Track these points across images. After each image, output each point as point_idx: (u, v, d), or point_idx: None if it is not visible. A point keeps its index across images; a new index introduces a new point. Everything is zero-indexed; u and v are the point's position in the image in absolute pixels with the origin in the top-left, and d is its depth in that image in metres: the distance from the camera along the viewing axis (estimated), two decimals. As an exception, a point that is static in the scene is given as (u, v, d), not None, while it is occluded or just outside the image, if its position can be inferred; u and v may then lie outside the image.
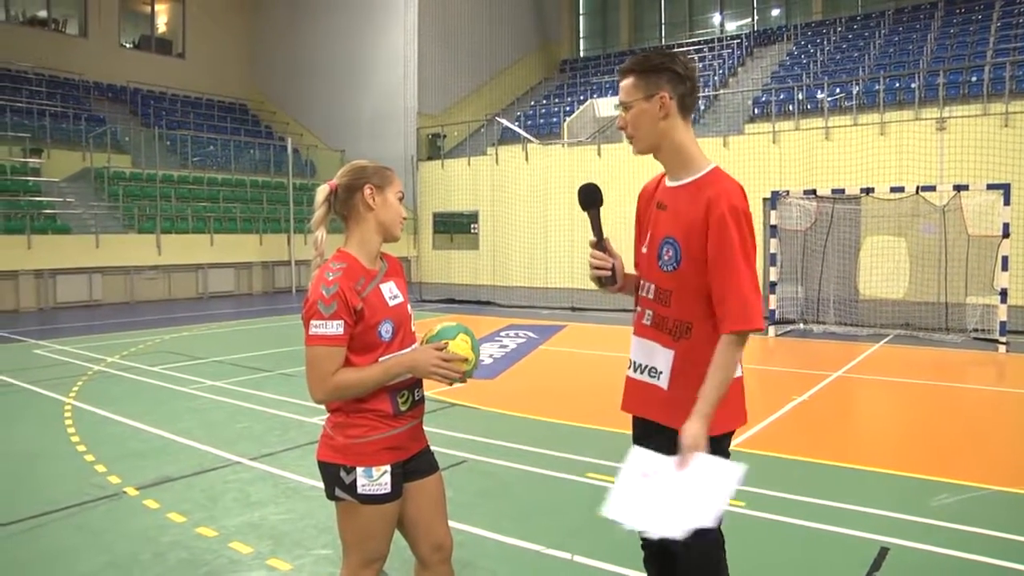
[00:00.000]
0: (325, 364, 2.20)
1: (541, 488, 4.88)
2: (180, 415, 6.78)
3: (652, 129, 2.30)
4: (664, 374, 2.31)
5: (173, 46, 27.66)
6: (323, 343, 2.20)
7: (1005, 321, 10.09)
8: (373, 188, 2.36)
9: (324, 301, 2.20)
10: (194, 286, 19.62)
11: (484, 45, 26.07)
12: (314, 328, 2.20)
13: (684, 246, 2.25)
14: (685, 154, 2.32)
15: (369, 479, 2.27)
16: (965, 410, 7.22)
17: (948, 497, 4.53)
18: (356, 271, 2.31)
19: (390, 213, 2.39)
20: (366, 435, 2.28)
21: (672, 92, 2.26)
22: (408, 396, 2.37)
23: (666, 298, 2.31)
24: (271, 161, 24.70)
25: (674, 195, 2.35)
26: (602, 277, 2.48)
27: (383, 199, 2.37)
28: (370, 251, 2.38)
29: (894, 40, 21.73)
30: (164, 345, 11.15)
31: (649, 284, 2.39)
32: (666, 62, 2.26)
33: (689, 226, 2.24)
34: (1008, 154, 13.65)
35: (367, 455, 2.27)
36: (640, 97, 2.27)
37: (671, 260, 2.29)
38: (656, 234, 2.38)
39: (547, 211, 19.59)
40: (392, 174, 2.42)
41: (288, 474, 5.08)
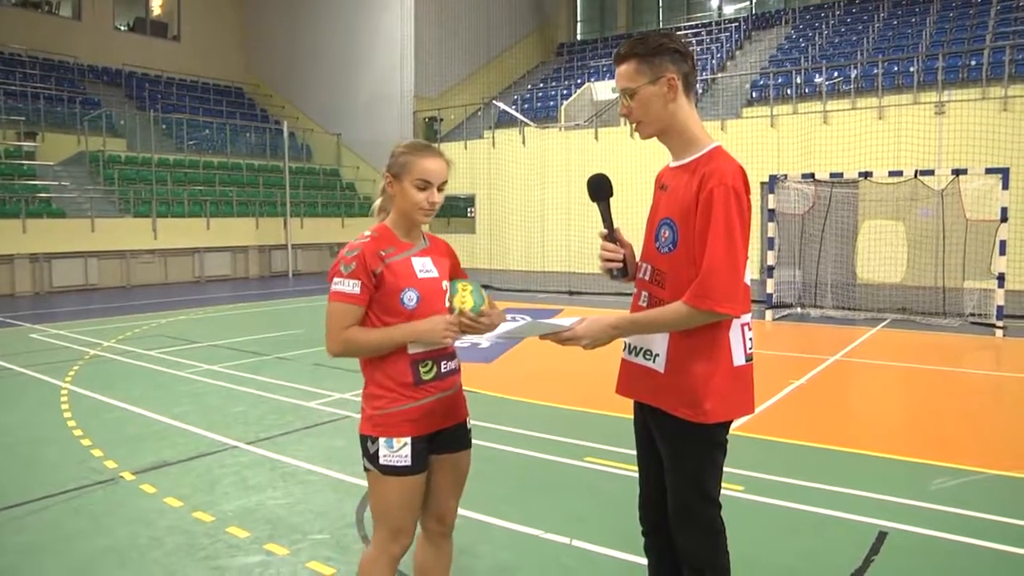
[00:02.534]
0: (339, 319, 2.32)
1: (540, 472, 4.87)
2: (177, 399, 6.76)
3: (662, 112, 2.24)
4: (660, 357, 2.27)
5: (168, 29, 27.42)
6: (339, 299, 2.32)
7: (1002, 306, 10.09)
8: (391, 177, 2.42)
9: (345, 261, 2.33)
10: (190, 270, 19.55)
11: (481, 28, 25.92)
12: (334, 285, 2.33)
13: (681, 226, 2.20)
14: (689, 134, 2.28)
15: (390, 450, 2.35)
16: (962, 394, 7.22)
17: (946, 481, 4.54)
18: (387, 239, 2.41)
19: (405, 201, 2.41)
20: (387, 406, 2.36)
21: (677, 72, 2.22)
22: (432, 366, 2.41)
23: (662, 280, 2.27)
24: (267, 145, 24.57)
25: (675, 175, 2.31)
26: (613, 269, 2.45)
27: (400, 187, 2.40)
28: (403, 228, 2.46)
29: (893, 24, 21.62)
30: (160, 329, 11.12)
31: (646, 265, 2.35)
32: (665, 42, 2.22)
33: (684, 205, 2.19)
34: (1007, 138, 13.63)
35: (389, 426, 2.36)
36: (646, 81, 2.21)
37: (668, 241, 2.25)
38: (655, 215, 2.35)
39: (544, 195, 19.56)
40: (413, 161, 2.39)
41: (285, 458, 5.07)
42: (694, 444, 2.25)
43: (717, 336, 2.21)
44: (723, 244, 2.09)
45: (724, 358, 2.22)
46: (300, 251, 21.92)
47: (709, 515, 2.31)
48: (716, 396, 2.19)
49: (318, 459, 5.05)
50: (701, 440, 2.25)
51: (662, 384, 2.26)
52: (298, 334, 10.61)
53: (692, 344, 2.21)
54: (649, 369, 2.31)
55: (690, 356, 2.21)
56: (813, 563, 3.53)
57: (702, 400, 2.19)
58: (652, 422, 2.36)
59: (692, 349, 2.21)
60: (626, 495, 4.38)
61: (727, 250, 2.09)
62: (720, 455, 2.31)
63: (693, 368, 2.20)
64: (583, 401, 6.60)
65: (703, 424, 2.20)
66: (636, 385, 2.38)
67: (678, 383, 2.22)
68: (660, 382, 2.27)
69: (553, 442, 5.45)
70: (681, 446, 2.27)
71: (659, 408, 2.29)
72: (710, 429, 2.23)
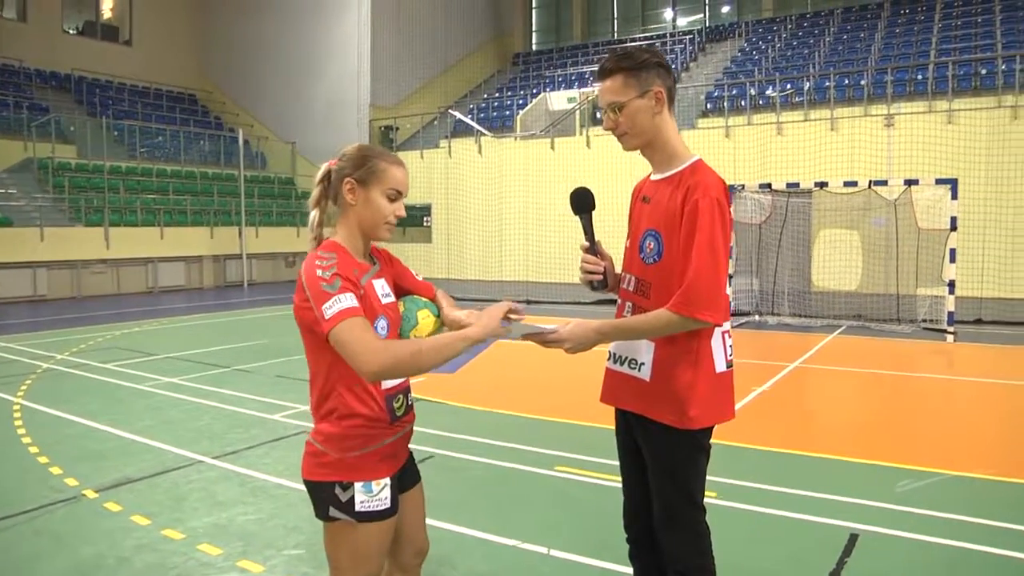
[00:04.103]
0: (363, 334, 1.90)
1: (512, 483, 4.87)
2: (137, 413, 6.61)
3: (648, 125, 2.29)
4: (646, 366, 2.30)
5: (120, 33, 26.85)
6: (346, 316, 1.91)
7: (953, 312, 10.39)
8: (354, 183, 2.11)
9: (326, 281, 1.96)
10: (143, 280, 19.14)
11: (438, 37, 25.91)
12: (329, 310, 1.92)
13: (666, 238, 2.25)
14: (671, 147, 2.33)
15: (368, 494, 2.08)
16: (919, 398, 7.41)
17: (910, 483, 4.64)
18: (349, 262, 2.08)
19: (370, 213, 2.12)
20: (365, 445, 2.09)
21: (663, 86, 2.27)
22: (403, 401, 2.21)
23: (646, 290, 2.32)
24: (221, 152, 24.22)
25: (657, 188, 2.36)
26: (594, 281, 2.48)
27: (365, 197, 2.11)
28: (357, 247, 2.16)
29: (842, 38, 22.18)
30: (115, 341, 10.86)
31: (630, 276, 2.39)
32: (651, 57, 2.28)
33: (669, 217, 2.24)
34: (953, 150, 14.04)
35: (366, 468, 2.08)
36: (635, 95, 2.26)
37: (653, 252, 2.30)
38: (639, 227, 2.40)
39: (502, 204, 19.57)
40: (386, 169, 2.13)
41: (253, 472, 4.99)
42: (679, 449, 2.29)
43: (700, 344, 2.25)
44: (707, 254, 2.14)
45: (707, 365, 2.27)
46: (255, 261, 21.63)
47: (694, 518, 2.35)
48: (700, 403, 2.24)
49: (286, 473, 4.97)
50: (686, 445, 2.29)
51: (647, 392, 2.30)
52: (256, 345, 10.46)
53: (676, 352, 2.25)
54: (634, 378, 2.34)
55: (674, 364, 2.25)
56: (792, 566, 3.59)
57: (687, 407, 2.23)
58: (637, 429, 2.39)
59: (676, 357, 2.25)
60: (600, 503, 4.43)
61: (711, 260, 2.14)
62: (704, 460, 2.36)
63: (678, 376, 2.24)
64: (549, 410, 6.62)
65: (688, 430, 2.25)
66: (621, 394, 2.41)
67: (663, 391, 2.26)
68: (645, 390, 2.30)
69: (522, 452, 5.45)
70: (667, 452, 2.31)
71: (644, 416, 2.32)
72: (695, 434, 2.28)
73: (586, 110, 20.52)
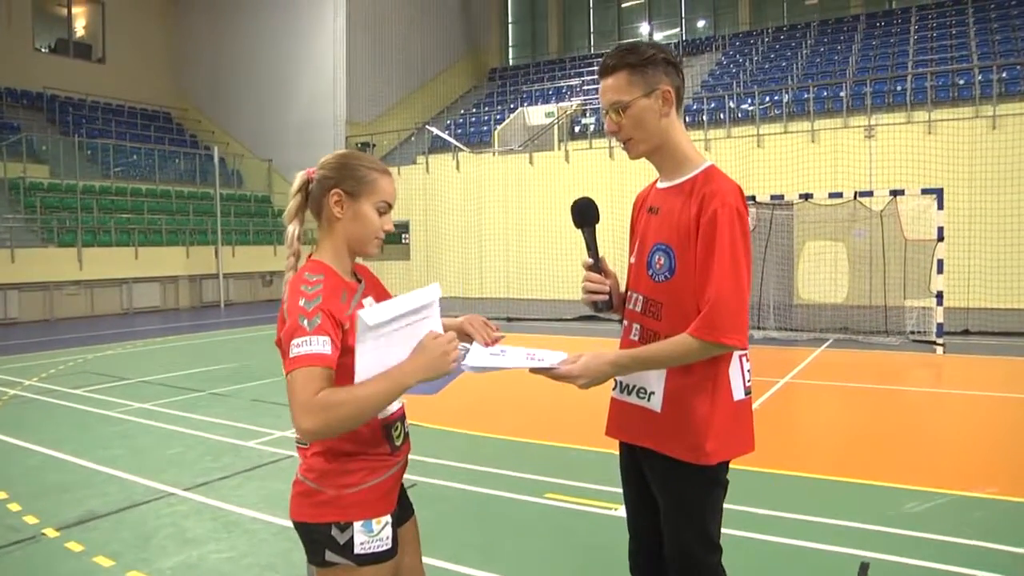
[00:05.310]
0: (307, 385, 1.68)
1: (500, 511, 4.63)
2: (105, 442, 6.30)
3: (656, 128, 2.07)
4: (656, 395, 2.08)
5: (93, 50, 26.48)
6: (305, 363, 1.69)
7: (941, 323, 10.28)
8: (342, 195, 1.91)
9: (305, 314, 1.74)
10: (118, 302, 18.73)
11: (413, 53, 25.80)
12: (295, 348, 1.71)
13: (679, 252, 2.03)
14: (681, 152, 2.11)
15: (369, 534, 1.87)
16: (914, 413, 7.25)
17: (918, 505, 4.46)
18: (337, 284, 1.88)
19: (360, 228, 1.93)
20: (364, 481, 1.88)
21: (671, 84, 2.05)
22: (400, 429, 2.00)
23: (656, 311, 2.09)
24: (197, 171, 23.86)
25: (666, 197, 2.13)
26: (598, 301, 2.22)
27: (354, 210, 1.92)
28: (344, 265, 1.96)
29: (820, 51, 22.28)
30: (87, 365, 10.50)
31: (637, 296, 2.16)
32: (657, 52, 2.05)
33: (683, 229, 2.02)
34: (934, 160, 14.06)
35: (366, 505, 1.87)
36: (640, 94, 2.03)
37: (663, 269, 2.06)
38: (646, 241, 2.16)
39: (481, 220, 19.38)
40: (376, 179, 1.95)
41: (226, 505, 4.71)
42: (695, 487, 2.07)
43: (717, 370, 2.04)
44: (730, 270, 1.92)
45: (724, 394, 2.05)
46: (232, 280, 21.27)
47: (712, 561, 2.13)
48: (718, 435, 2.02)
49: (262, 505, 4.70)
50: (702, 482, 2.07)
51: (659, 425, 2.07)
52: (233, 368, 10.14)
53: (691, 380, 2.03)
54: (643, 409, 2.11)
55: (689, 393, 2.03)
56: (797, 602, 3.37)
57: (703, 441, 2.01)
58: (647, 465, 2.16)
59: (691, 386, 2.03)
60: (595, 533, 4.20)
61: (734, 277, 1.93)
62: (722, 496, 2.14)
63: (693, 406, 2.02)
64: (536, 433, 6.39)
65: (705, 465, 2.03)
66: (629, 426, 2.18)
67: (677, 423, 2.04)
68: (657, 422, 2.08)
69: (510, 478, 5.21)
70: (681, 490, 2.08)
71: (655, 450, 2.09)
72: (712, 470, 2.05)
73: (564, 125, 20.43)
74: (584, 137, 20.09)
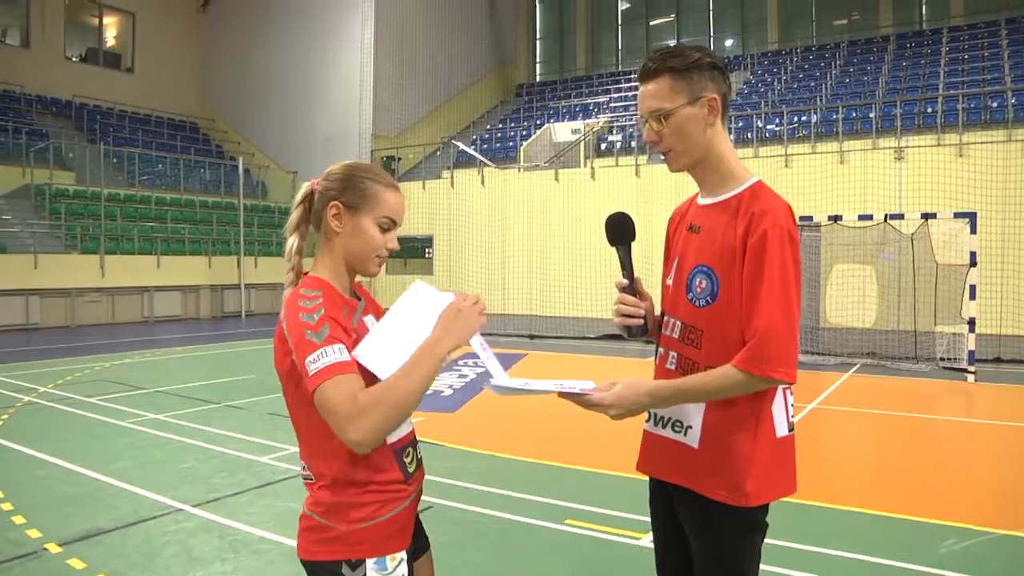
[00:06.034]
0: (345, 395, 1.57)
1: (519, 537, 4.45)
2: (116, 453, 6.19)
3: (700, 139, 1.90)
4: (694, 429, 1.91)
5: (122, 60, 26.82)
6: (331, 374, 1.58)
7: (973, 350, 9.98)
8: (341, 207, 1.79)
9: (311, 328, 1.63)
10: (139, 310, 18.78)
11: (440, 67, 25.81)
12: (312, 365, 1.59)
13: (722, 275, 1.86)
14: (726, 166, 1.94)
15: (383, 572, 1.73)
16: (946, 443, 6.99)
17: (957, 543, 4.23)
18: (336, 300, 1.76)
19: (359, 243, 1.80)
20: (377, 515, 1.73)
21: (717, 92, 1.89)
22: (412, 454, 1.86)
23: (696, 339, 1.91)
24: (221, 181, 23.99)
25: (708, 214, 1.96)
26: (632, 327, 2.04)
27: (354, 224, 1.79)
28: (343, 282, 1.83)
29: (849, 71, 22.04)
30: (104, 373, 10.46)
31: (674, 321, 1.99)
32: (703, 56, 1.88)
33: (727, 250, 1.85)
34: (965, 184, 13.77)
35: (379, 541, 1.73)
36: (683, 101, 1.86)
37: (705, 293, 1.90)
38: (685, 262, 1.98)
39: (504, 236, 19.27)
40: (379, 192, 1.81)
41: (235, 524, 4.57)
42: (733, 530, 1.89)
43: (761, 404, 1.86)
44: (780, 297, 1.76)
45: (767, 429, 1.88)
46: (254, 291, 21.29)
47: None
48: (759, 475, 1.85)
49: (272, 524, 4.56)
50: (741, 525, 1.89)
51: (695, 461, 1.90)
52: (251, 380, 10.06)
53: (732, 414, 1.86)
54: (679, 443, 1.94)
55: (730, 429, 1.86)
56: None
57: (743, 481, 1.84)
58: (680, 504, 1.99)
59: (732, 420, 1.86)
60: (616, 564, 4.01)
61: (784, 304, 1.76)
62: (761, 539, 1.95)
63: (733, 443, 1.85)
64: (558, 455, 6.20)
65: (744, 507, 1.85)
66: (662, 462, 2.01)
67: (715, 461, 1.87)
68: (693, 459, 1.91)
69: (529, 502, 5.03)
70: (718, 533, 1.91)
71: (691, 489, 1.92)
72: (751, 512, 1.88)
73: (590, 142, 20.31)
74: (610, 154, 19.95)
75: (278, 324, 1.73)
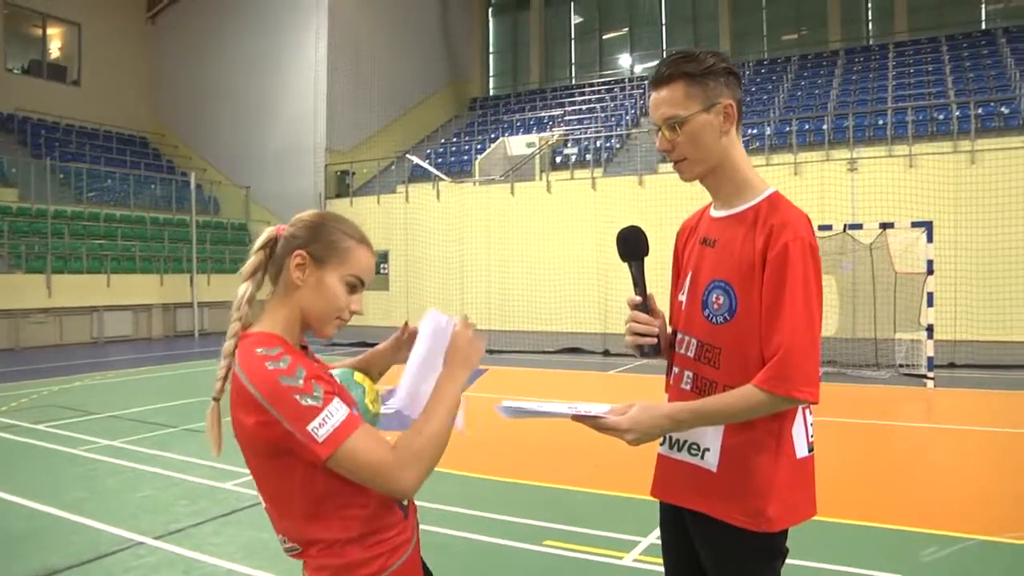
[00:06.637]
0: (374, 447, 1.47)
1: (495, 561, 4.33)
2: (69, 484, 5.91)
3: (715, 147, 1.83)
4: (712, 452, 1.83)
5: (68, 72, 26.03)
6: (346, 433, 1.45)
7: (932, 356, 10.16)
8: (306, 258, 1.60)
9: (299, 390, 1.45)
10: (88, 331, 18.19)
11: (394, 81, 25.63)
12: (320, 432, 1.43)
13: (740, 291, 1.79)
14: (741, 176, 1.87)
15: None
16: (914, 451, 7.06)
17: (938, 551, 4.22)
18: (296, 353, 1.58)
19: (320, 301, 1.61)
20: (389, 564, 1.60)
21: (732, 98, 1.82)
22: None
23: (714, 357, 1.84)
24: (172, 197, 23.42)
25: (724, 227, 1.88)
26: (645, 346, 1.95)
27: (318, 278, 1.60)
28: (295, 337, 1.64)
29: (800, 84, 22.45)
30: (52, 398, 10.05)
31: (689, 339, 1.91)
32: (718, 61, 1.81)
33: (745, 264, 1.78)
34: (917, 194, 14.05)
35: None
36: (698, 108, 1.80)
37: (723, 309, 1.82)
38: (700, 277, 1.90)
39: (462, 250, 19.12)
40: (351, 248, 1.64)
41: (202, 556, 4.36)
42: (753, 556, 1.81)
43: (782, 424, 1.80)
44: (803, 313, 1.69)
45: (787, 451, 1.81)
46: (207, 309, 20.80)
47: None
48: (781, 498, 1.78)
49: (240, 555, 4.36)
50: (762, 551, 1.81)
51: (714, 485, 1.82)
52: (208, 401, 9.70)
53: (752, 436, 1.78)
54: (696, 467, 1.86)
55: (750, 451, 1.78)
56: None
57: (765, 505, 1.76)
58: (696, 530, 1.90)
59: (752, 442, 1.78)
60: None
61: (807, 320, 1.70)
62: (780, 566, 1.87)
63: (756, 465, 1.77)
64: (531, 474, 6.09)
65: (765, 533, 1.77)
66: (677, 486, 1.92)
67: (735, 484, 1.79)
68: (711, 483, 1.82)
69: (506, 523, 4.91)
70: (737, 560, 1.83)
71: (708, 514, 1.84)
72: (772, 538, 1.80)
73: (546, 155, 20.31)
74: (566, 168, 19.98)
75: (240, 392, 1.53)
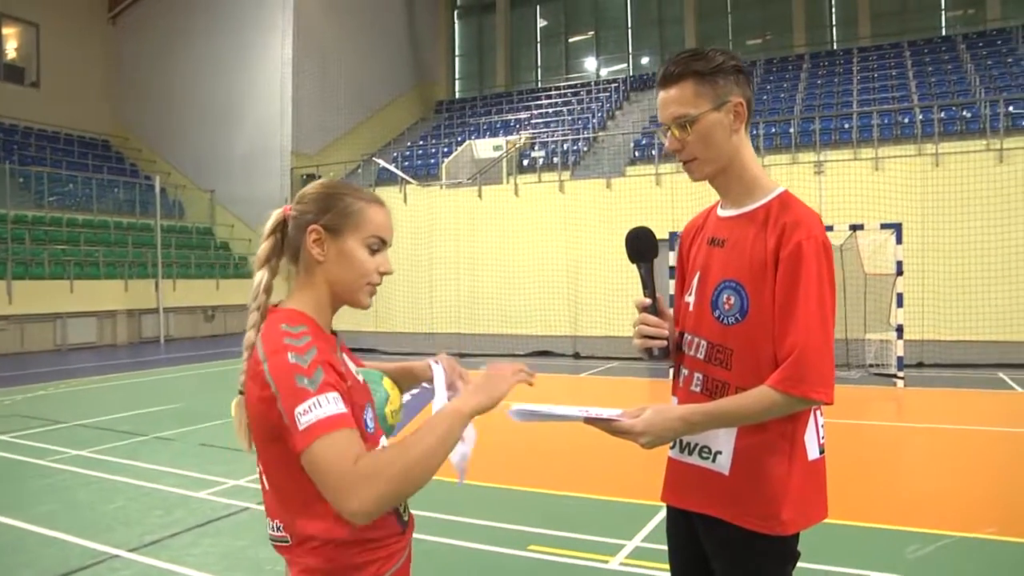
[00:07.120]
0: (343, 455, 1.33)
1: (479, 566, 4.28)
2: (36, 497, 5.73)
3: (725, 146, 1.81)
4: (724, 455, 1.80)
5: (26, 74, 25.42)
6: (325, 430, 1.34)
7: (902, 356, 10.30)
8: (321, 232, 1.56)
9: (302, 371, 1.38)
10: (51, 338, 17.77)
11: (360, 84, 25.47)
12: (303, 418, 1.35)
13: (752, 291, 1.76)
14: (750, 175, 1.85)
15: None
16: (887, 450, 7.13)
17: (920, 548, 4.25)
18: (324, 337, 1.54)
19: (346, 270, 1.57)
20: (383, 571, 1.53)
21: (742, 96, 1.80)
22: (405, 502, 1.66)
23: (725, 359, 1.81)
24: (136, 201, 23.01)
25: (733, 226, 1.86)
26: (654, 349, 1.92)
27: (337, 249, 1.56)
28: (325, 319, 1.59)
29: (766, 88, 22.70)
30: (15, 407, 9.78)
31: (699, 340, 1.88)
32: (727, 59, 1.80)
33: (756, 264, 1.76)
34: (882, 196, 14.29)
35: None
36: (709, 107, 1.78)
37: (734, 310, 1.79)
38: (709, 277, 1.88)
39: (431, 254, 19.02)
40: (363, 209, 1.60)
41: (179, 568, 4.24)
42: (767, 562, 1.79)
43: (795, 426, 1.78)
44: (816, 313, 1.67)
45: (800, 453, 1.79)
46: (173, 315, 20.48)
47: None
48: (795, 501, 1.76)
49: (219, 566, 4.25)
50: (775, 555, 1.79)
51: (726, 489, 1.79)
52: (177, 409, 9.56)
53: (765, 438, 1.76)
54: (707, 471, 1.83)
55: (763, 453, 1.76)
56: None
57: (779, 508, 1.74)
58: (707, 535, 1.87)
59: (765, 444, 1.76)
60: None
61: (821, 320, 1.68)
62: (792, 569, 1.86)
63: (769, 468, 1.75)
64: (510, 478, 6.03)
65: (778, 536, 1.75)
66: (688, 490, 1.89)
67: (748, 487, 1.77)
68: (723, 486, 1.80)
69: (489, 529, 4.86)
70: (750, 564, 1.80)
71: (720, 519, 1.81)
72: (785, 542, 1.78)
73: (513, 158, 20.30)
74: (533, 171, 19.99)
75: (252, 361, 1.46)
